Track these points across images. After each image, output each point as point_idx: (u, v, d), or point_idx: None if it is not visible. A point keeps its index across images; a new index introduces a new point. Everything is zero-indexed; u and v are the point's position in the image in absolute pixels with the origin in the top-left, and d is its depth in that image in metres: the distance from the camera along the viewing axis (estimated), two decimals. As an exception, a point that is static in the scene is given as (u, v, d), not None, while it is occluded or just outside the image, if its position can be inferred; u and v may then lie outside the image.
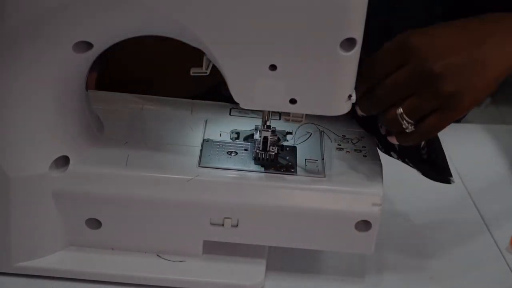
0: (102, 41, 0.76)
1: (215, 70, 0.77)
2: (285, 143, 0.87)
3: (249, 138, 0.88)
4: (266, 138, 0.83)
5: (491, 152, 1.16)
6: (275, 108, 0.79)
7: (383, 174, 0.83)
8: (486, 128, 1.19)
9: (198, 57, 0.78)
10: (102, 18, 0.73)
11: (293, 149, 0.86)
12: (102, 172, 0.81)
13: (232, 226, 0.82)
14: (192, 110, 0.92)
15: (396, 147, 0.85)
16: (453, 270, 0.90)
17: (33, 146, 0.79)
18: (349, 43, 0.72)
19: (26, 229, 0.81)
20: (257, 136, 0.85)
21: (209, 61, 0.77)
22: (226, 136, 0.88)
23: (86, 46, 0.75)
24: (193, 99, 0.94)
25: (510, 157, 1.14)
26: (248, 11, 0.71)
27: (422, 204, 0.99)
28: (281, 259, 0.88)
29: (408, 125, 0.77)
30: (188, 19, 0.72)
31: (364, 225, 0.81)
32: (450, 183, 0.83)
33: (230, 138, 0.88)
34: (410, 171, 0.87)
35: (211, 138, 0.87)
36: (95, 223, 0.82)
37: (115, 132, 0.86)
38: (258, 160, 0.83)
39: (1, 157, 0.78)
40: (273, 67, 0.74)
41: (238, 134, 0.88)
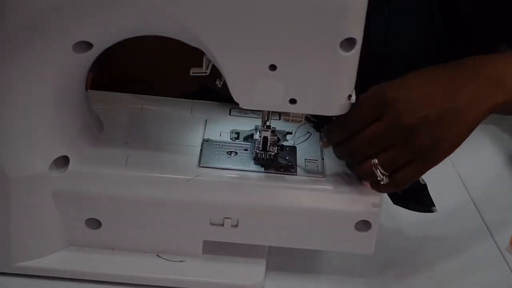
0: (102, 41, 0.76)
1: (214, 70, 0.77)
2: (285, 143, 0.87)
3: (249, 138, 0.88)
4: (266, 138, 0.83)
5: (491, 152, 1.16)
6: (275, 108, 0.79)
7: (383, 174, 0.83)
8: (486, 128, 1.19)
9: (198, 57, 0.78)
10: (102, 18, 0.73)
11: (293, 149, 0.86)
12: (102, 172, 0.81)
13: (232, 226, 0.82)
14: (192, 110, 0.92)
15: None
16: (453, 270, 0.90)
17: (33, 146, 0.79)
18: (349, 43, 0.72)
19: (26, 229, 0.81)
20: (257, 136, 0.85)
21: (209, 61, 0.77)
22: (226, 136, 0.88)
23: (86, 46, 0.75)
24: (192, 99, 0.94)
25: (510, 157, 1.14)
26: (248, 11, 0.71)
27: (422, 204, 0.99)
28: (281, 259, 0.88)
29: (383, 177, 0.78)
30: (188, 19, 0.72)
31: (364, 225, 0.81)
32: (433, 212, 0.84)
33: (230, 138, 0.88)
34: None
35: (211, 138, 0.87)
36: (95, 223, 0.82)
37: (115, 132, 0.87)
38: (258, 160, 0.83)
39: (1, 157, 0.78)
40: (273, 67, 0.74)
41: (238, 134, 0.88)
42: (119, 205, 0.81)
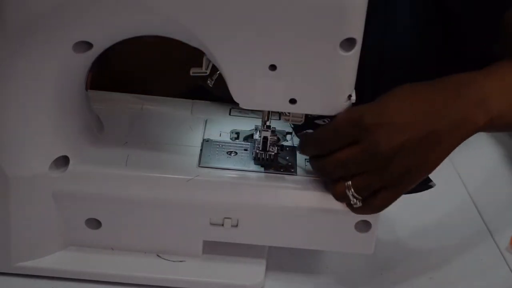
0: (102, 41, 0.76)
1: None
2: (285, 143, 0.87)
3: (249, 138, 0.88)
4: (266, 138, 0.83)
5: (491, 152, 1.16)
6: (275, 108, 0.79)
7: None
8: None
9: (198, 57, 0.78)
10: (102, 18, 0.73)
11: (293, 149, 0.86)
12: (102, 172, 0.81)
13: (232, 226, 0.82)
14: (192, 110, 0.92)
15: None
16: (453, 270, 0.90)
17: (33, 146, 0.79)
18: (349, 43, 0.72)
19: (26, 229, 0.81)
20: (257, 136, 0.85)
21: (209, 61, 0.77)
22: (226, 136, 0.88)
23: (86, 46, 0.75)
24: (192, 99, 0.94)
25: (510, 157, 1.14)
26: (248, 11, 0.71)
27: (421, 204, 0.99)
28: (281, 259, 0.88)
29: (356, 201, 0.77)
30: (188, 19, 0.72)
31: (364, 225, 0.81)
32: (432, 187, 0.82)
33: (230, 138, 0.88)
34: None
35: (211, 138, 0.87)
36: (95, 223, 0.82)
37: (115, 132, 0.86)
38: (258, 160, 0.83)
39: (1, 157, 0.78)
40: (273, 67, 0.74)
41: (238, 134, 0.88)
42: (119, 205, 0.81)
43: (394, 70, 1.03)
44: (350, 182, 0.76)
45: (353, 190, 0.76)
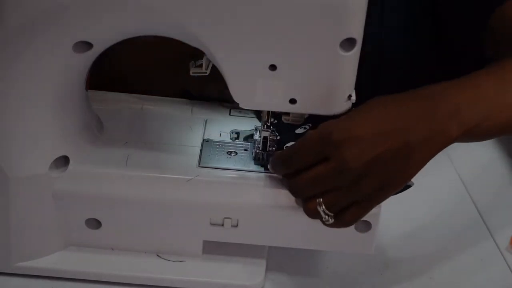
0: (102, 41, 0.76)
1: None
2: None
3: (249, 138, 0.88)
4: (266, 138, 0.83)
5: (491, 152, 1.16)
6: (275, 108, 0.79)
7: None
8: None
9: (198, 57, 0.78)
10: (102, 18, 0.73)
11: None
12: (102, 172, 0.81)
13: (232, 226, 0.82)
14: (192, 110, 0.92)
15: None
16: (453, 270, 0.90)
17: (33, 146, 0.79)
18: (349, 43, 0.72)
19: (26, 229, 0.81)
20: (257, 136, 0.85)
21: (209, 61, 0.77)
22: (226, 136, 0.88)
23: (86, 46, 0.75)
24: (192, 99, 0.94)
25: (510, 157, 1.14)
26: (248, 11, 0.71)
27: (421, 204, 0.99)
28: (281, 259, 0.88)
29: (328, 217, 0.75)
30: (188, 19, 0.72)
31: (364, 225, 0.81)
32: (411, 187, 0.79)
33: (230, 138, 0.88)
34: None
35: (211, 138, 0.87)
36: (95, 223, 0.82)
37: (115, 132, 0.86)
38: (258, 160, 0.83)
39: (1, 157, 0.78)
40: (273, 67, 0.74)
41: (238, 134, 0.88)
42: (119, 205, 0.81)
43: (390, 72, 1.03)
44: (321, 199, 0.75)
45: (324, 207, 0.75)
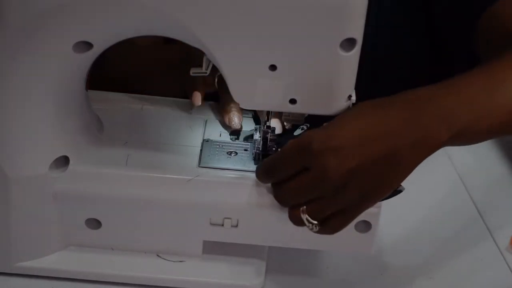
0: (102, 41, 0.76)
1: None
2: None
3: (249, 138, 0.88)
4: (266, 138, 0.83)
5: (491, 152, 1.16)
6: (275, 108, 0.79)
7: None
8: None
9: (198, 57, 0.78)
10: (102, 18, 0.73)
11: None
12: (102, 172, 0.81)
13: (232, 226, 0.82)
14: (192, 110, 0.92)
15: None
16: (453, 270, 0.90)
17: (33, 146, 0.79)
18: (349, 43, 0.72)
19: (26, 229, 0.81)
20: (257, 136, 0.85)
21: (209, 61, 0.77)
22: (226, 136, 0.88)
23: (86, 46, 0.75)
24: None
25: (510, 157, 1.15)
26: (248, 11, 0.71)
27: (421, 204, 0.99)
28: (281, 259, 0.88)
29: (312, 226, 0.75)
30: (188, 19, 0.72)
31: (364, 225, 0.81)
32: (401, 192, 0.77)
33: (230, 138, 0.88)
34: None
35: (211, 138, 0.87)
36: (95, 223, 0.82)
37: (115, 132, 0.86)
38: (258, 160, 0.83)
39: (1, 157, 0.78)
40: (273, 67, 0.74)
41: (238, 134, 0.88)
42: (119, 205, 0.81)
43: (389, 72, 1.03)
44: (304, 208, 0.75)
45: (307, 216, 0.75)
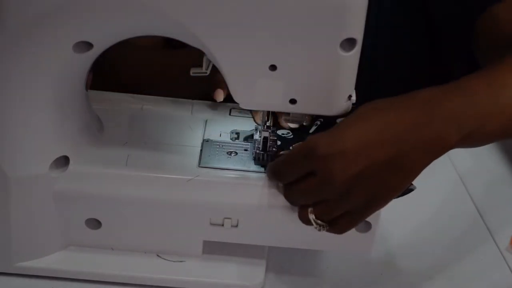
0: (102, 41, 0.76)
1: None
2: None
3: (249, 138, 0.88)
4: (266, 138, 0.83)
5: (491, 153, 1.16)
6: (275, 108, 0.79)
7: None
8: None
9: (198, 57, 0.78)
10: (102, 18, 0.73)
11: (293, 149, 0.86)
12: (102, 172, 0.81)
13: (232, 226, 0.82)
14: (192, 110, 0.92)
15: None
16: (453, 270, 0.90)
17: (33, 146, 0.79)
18: (349, 43, 0.72)
19: (26, 229, 0.81)
20: (257, 136, 0.85)
21: (209, 61, 0.77)
22: (226, 136, 0.88)
23: (86, 46, 0.75)
24: (192, 99, 0.94)
25: (510, 157, 1.15)
26: (248, 11, 0.71)
27: (421, 204, 0.99)
28: (281, 259, 0.88)
29: (320, 227, 0.76)
30: (188, 19, 0.72)
31: (364, 225, 0.81)
32: (413, 190, 0.77)
33: (230, 138, 0.88)
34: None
35: (211, 138, 0.87)
36: (95, 223, 0.82)
37: (115, 132, 0.86)
38: (258, 160, 0.83)
39: (1, 157, 0.78)
40: (273, 67, 0.74)
41: (238, 134, 0.88)
42: (119, 205, 0.81)
43: (389, 72, 1.03)
44: (311, 209, 0.75)
45: (314, 217, 0.75)
